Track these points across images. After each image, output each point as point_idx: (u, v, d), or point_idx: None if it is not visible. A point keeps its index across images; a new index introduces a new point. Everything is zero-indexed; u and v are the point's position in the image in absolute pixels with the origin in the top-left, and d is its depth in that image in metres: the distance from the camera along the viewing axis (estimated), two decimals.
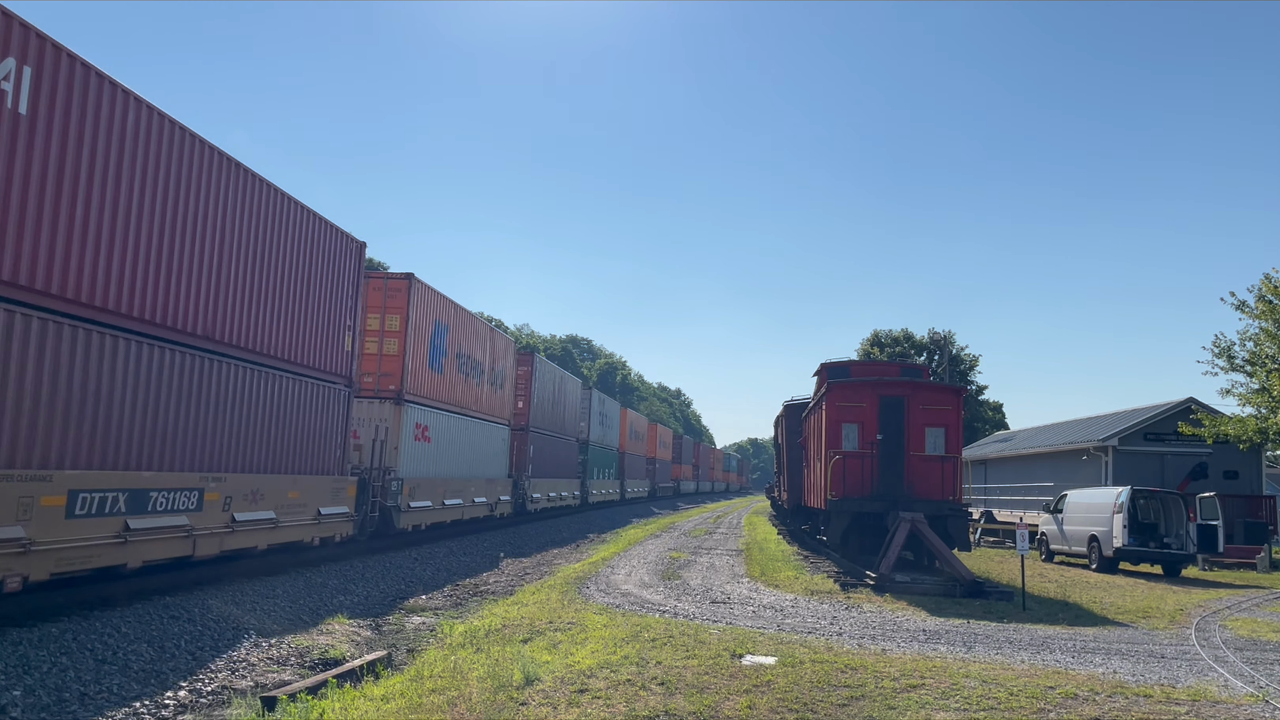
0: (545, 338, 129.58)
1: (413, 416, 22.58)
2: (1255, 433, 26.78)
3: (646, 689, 8.61)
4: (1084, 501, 25.92)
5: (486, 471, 29.22)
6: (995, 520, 37.82)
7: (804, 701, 8.32)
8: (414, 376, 22.67)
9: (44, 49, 10.34)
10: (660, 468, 75.95)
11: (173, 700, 8.97)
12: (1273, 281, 26.08)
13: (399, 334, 22.20)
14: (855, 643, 11.59)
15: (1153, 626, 14.13)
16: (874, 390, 20.18)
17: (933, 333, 58.68)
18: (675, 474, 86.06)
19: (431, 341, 23.74)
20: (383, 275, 22.53)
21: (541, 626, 12.18)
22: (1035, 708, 8.31)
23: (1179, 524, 24.18)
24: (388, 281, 22.48)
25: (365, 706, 8.05)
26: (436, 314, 24.23)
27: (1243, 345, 27.43)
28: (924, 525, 17.96)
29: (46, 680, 8.69)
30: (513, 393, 33.07)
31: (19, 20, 9.98)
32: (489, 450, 29.53)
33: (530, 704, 8.05)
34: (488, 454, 29.36)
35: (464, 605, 16.13)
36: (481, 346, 28.91)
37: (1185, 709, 8.50)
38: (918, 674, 9.54)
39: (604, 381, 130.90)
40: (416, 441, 22.78)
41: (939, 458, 19.45)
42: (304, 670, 10.58)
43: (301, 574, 16.18)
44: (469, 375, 27.18)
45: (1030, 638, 12.52)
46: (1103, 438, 32.42)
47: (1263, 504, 29.76)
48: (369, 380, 21.76)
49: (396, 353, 22.14)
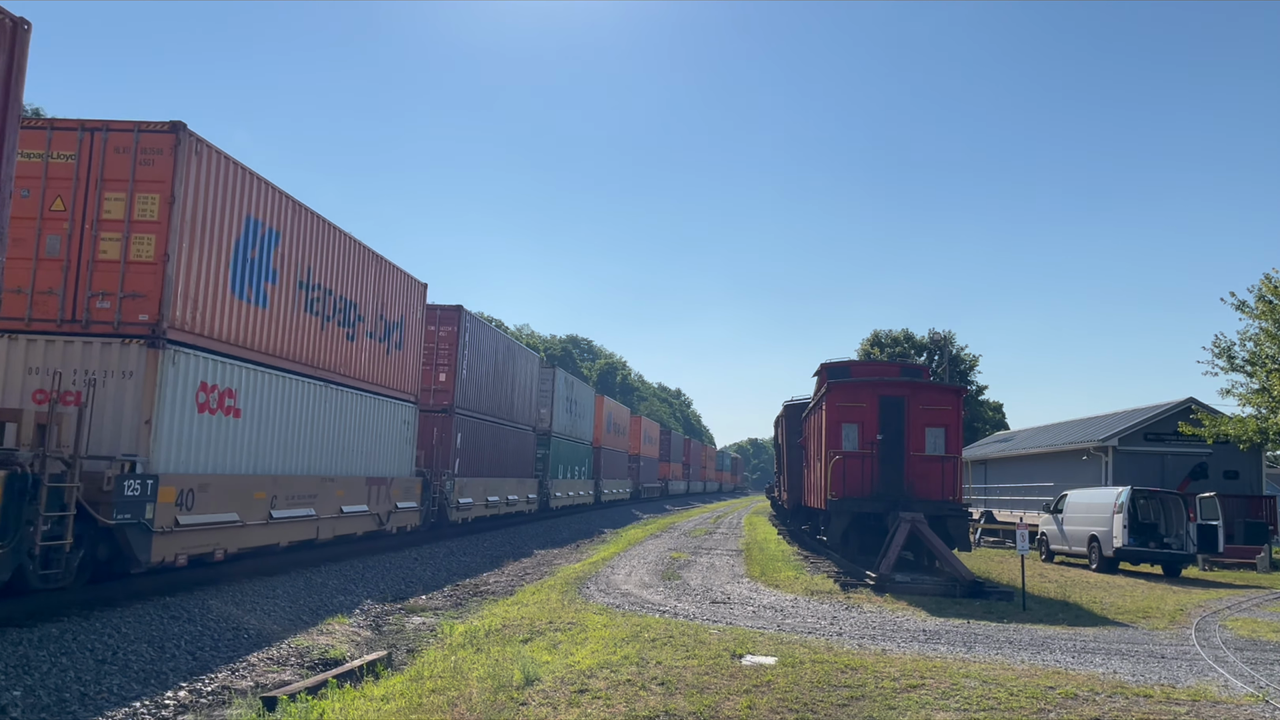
0: (545, 338, 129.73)
1: (192, 371, 13.42)
2: (1255, 433, 26.78)
3: (646, 689, 8.61)
4: (1084, 501, 25.92)
5: (372, 467, 20.04)
6: (995, 520, 37.83)
7: (804, 702, 8.32)
8: (194, 302, 13.47)
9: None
10: (645, 466, 68.56)
11: (173, 700, 8.97)
12: (1273, 281, 26.08)
13: (158, 226, 12.87)
14: (855, 643, 11.59)
15: (1153, 627, 14.13)
16: (874, 390, 20.18)
17: (933, 333, 58.72)
18: (663, 473, 79.41)
19: (238, 251, 14.60)
20: (132, 125, 13.04)
21: (541, 626, 12.19)
22: (1035, 708, 8.31)
23: (1179, 524, 24.17)
24: (140, 136, 13.01)
25: (365, 706, 8.05)
26: (250, 208, 14.94)
27: (1243, 345, 27.45)
28: (924, 525, 17.96)
29: (46, 680, 8.69)
30: (419, 358, 23.60)
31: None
32: (375, 436, 20.31)
33: (530, 704, 8.06)
34: (372, 442, 20.15)
35: (464, 605, 16.13)
36: (358, 282, 19.36)
37: (1185, 709, 8.50)
38: (918, 674, 9.54)
39: (604, 382, 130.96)
40: (204, 414, 13.76)
41: (939, 458, 19.45)
42: (304, 670, 10.58)
43: (301, 574, 16.18)
44: (330, 319, 18.03)
45: (1030, 638, 12.52)
46: (1103, 438, 32.42)
47: (1263, 504, 29.74)
48: (104, 307, 12.67)
49: (152, 257, 12.81)
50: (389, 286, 21.21)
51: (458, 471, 26.38)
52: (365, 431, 19.80)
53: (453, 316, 26.60)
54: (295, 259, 16.62)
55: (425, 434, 24.75)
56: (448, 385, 26.26)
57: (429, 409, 25.25)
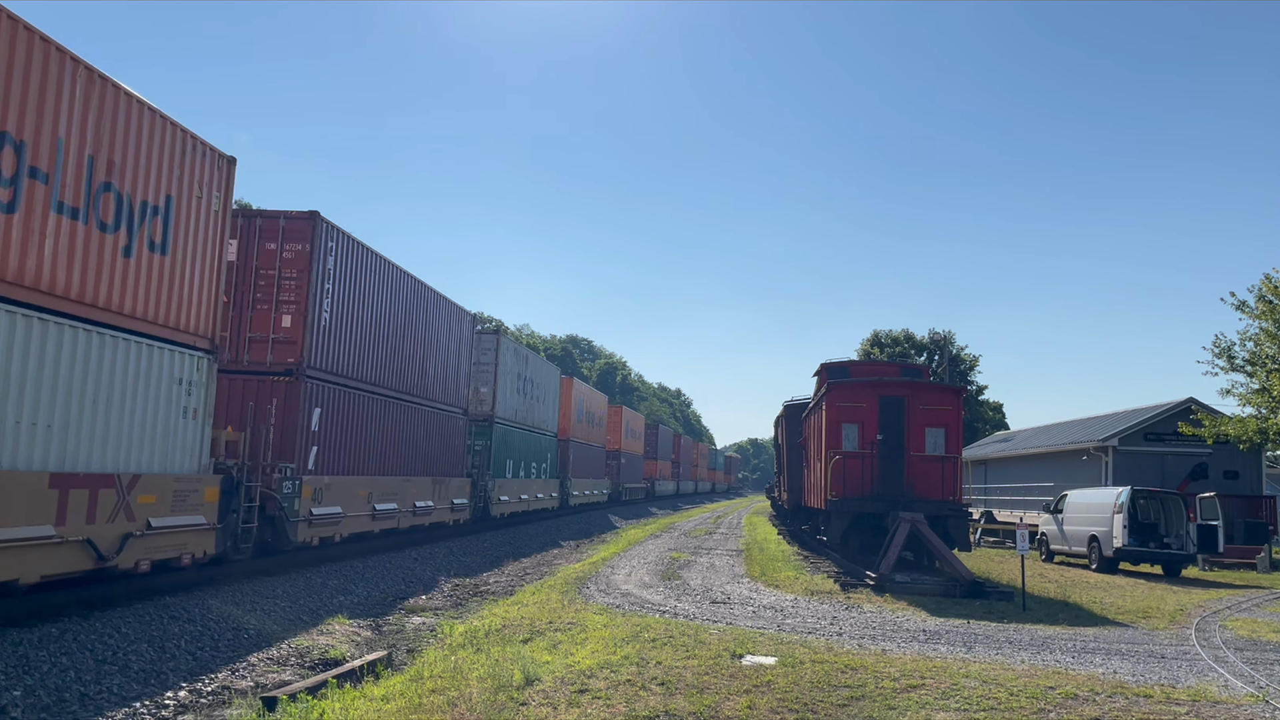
0: (545, 338, 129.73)
1: None
2: (1255, 433, 26.77)
3: (646, 689, 8.61)
4: (1084, 502, 25.93)
5: (84, 455, 11.06)
6: (995, 520, 37.83)
7: (804, 702, 8.32)
8: None
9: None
10: (628, 464, 60.36)
11: (173, 700, 8.97)
12: (1273, 281, 26.08)
13: None
14: (855, 643, 11.59)
15: (1153, 627, 14.13)
16: (874, 390, 20.18)
17: (933, 333, 58.73)
18: (649, 472, 71.11)
19: None
20: None
21: (541, 626, 12.19)
22: (1035, 708, 8.31)
23: (1179, 524, 24.18)
24: None
25: (365, 707, 8.06)
26: None
27: (1243, 345, 27.44)
28: (924, 525, 17.96)
29: (46, 680, 8.69)
30: (217, 278, 14.08)
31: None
32: (87, 402, 11.09)
33: (530, 704, 8.06)
34: (79, 411, 10.94)
35: (464, 605, 16.14)
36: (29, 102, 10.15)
37: (1185, 709, 8.50)
38: (918, 674, 9.54)
39: (604, 382, 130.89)
40: None
41: (939, 458, 19.45)
42: (304, 670, 10.59)
43: (301, 574, 16.18)
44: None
45: (1030, 638, 12.52)
46: (1103, 438, 32.42)
47: (1263, 504, 29.74)
48: None
49: None
50: (132, 136, 11.93)
51: (312, 466, 17.22)
52: (55, 393, 10.49)
53: (303, 228, 17.09)
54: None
55: (251, 405, 16.38)
56: (294, 334, 16.96)
57: (258, 369, 16.75)
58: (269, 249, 17.19)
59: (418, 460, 23.20)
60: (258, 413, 16.35)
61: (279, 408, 16.59)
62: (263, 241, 17.21)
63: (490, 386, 30.27)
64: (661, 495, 76.41)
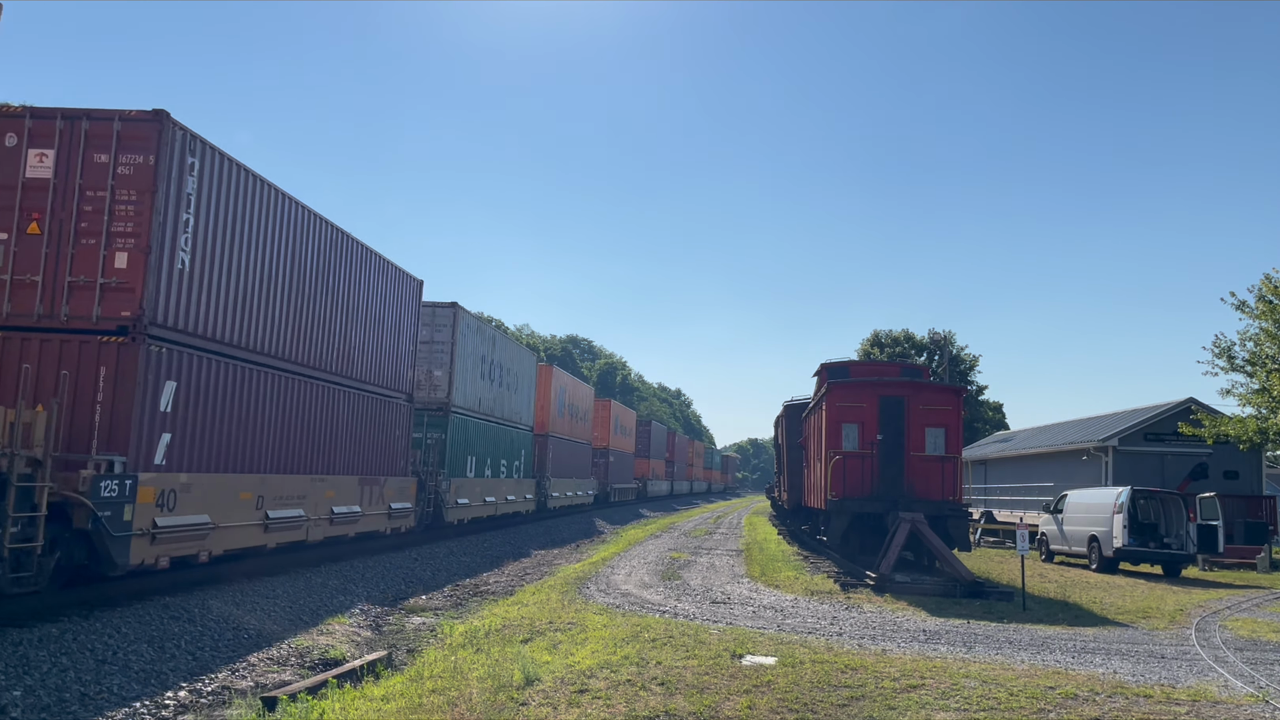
0: (545, 338, 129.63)
1: None
2: (1255, 433, 26.76)
3: (646, 689, 8.62)
4: (1084, 502, 25.93)
5: None
6: (995, 520, 37.83)
7: (804, 702, 8.32)
8: None
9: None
10: (617, 462, 55.69)
11: (173, 700, 8.98)
12: (1273, 281, 26.07)
13: None
14: (855, 643, 11.60)
15: (1153, 627, 14.13)
16: (874, 390, 20.19)
17: (933, 333, 58.67)
18: (640, 471, 66.87)
19: None
20: None
21: (541, 627, 12.19)
22: (1035, 708, 8.32)
23: (1179, 524, 24.18)
24: None
25: (365, 707, 8.06)
26: None
27: (1243, 345, 27.43)
28: (924, 525, 17.97)
29: (46, 680, 8.69)
30: None
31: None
32: None
33: (530, 704, 8.06)
34: None
35: (464, 605, 16.15)
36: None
37: (1185, 709, 8.51)
38: (918, 674, 9.55)
39: (604, 382, 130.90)
40: None
41: (939, 458, 19.46)
42: (304, 670, 10.59)
43: (301, 574, 16.19)
44: None
45: (1030, 638, 12.53)
46: (1103, 438, 32.42)
47: (1263, 504, 29.74)
48: None
49: None
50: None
51: (161, 460, 12.60)
52: None
53: (146, 134, 12.47)
54: None
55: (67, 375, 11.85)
56: (131, 278, 12.26)
57: (82, 326, 12.11)
58: (99, 162, 12.46)
59: (339, 455, 18.42)
60: (79, 386, 11.83)
61: (108, 378, 11.93)
62: (90, 152, 12.48)
63: (446, 369, 25.48)
64: (654, 496, 72.23)
